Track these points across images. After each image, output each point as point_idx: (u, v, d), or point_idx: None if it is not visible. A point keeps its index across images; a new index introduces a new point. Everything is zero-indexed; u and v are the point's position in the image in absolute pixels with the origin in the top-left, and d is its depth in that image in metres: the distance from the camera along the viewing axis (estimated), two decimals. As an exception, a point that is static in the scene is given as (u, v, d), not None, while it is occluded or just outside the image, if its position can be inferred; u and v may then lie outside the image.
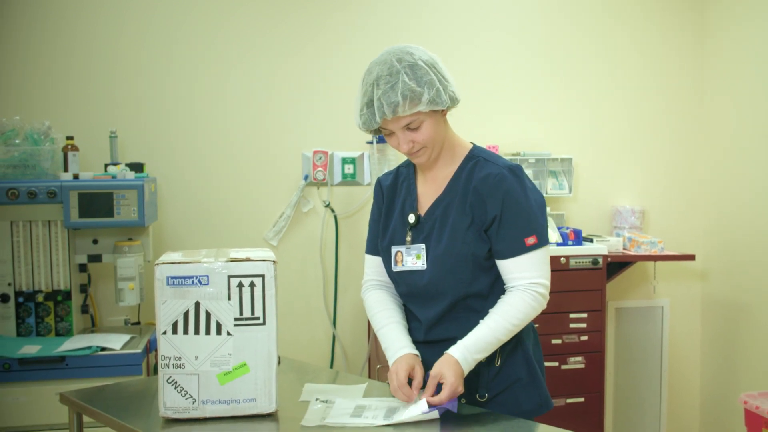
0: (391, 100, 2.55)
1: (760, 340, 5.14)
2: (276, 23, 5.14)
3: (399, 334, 2.78)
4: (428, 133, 2.64)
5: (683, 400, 5.81)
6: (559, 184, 5.30)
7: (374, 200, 3.00)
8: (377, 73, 2.61)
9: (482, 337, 2.59)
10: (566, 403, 4.88)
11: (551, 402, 2.82)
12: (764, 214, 5.10)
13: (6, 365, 3.88)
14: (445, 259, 2.68)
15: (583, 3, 5.58)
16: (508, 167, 2.68)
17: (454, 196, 2.72)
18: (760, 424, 4.15)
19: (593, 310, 4.97)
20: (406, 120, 2.60)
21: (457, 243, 2.67)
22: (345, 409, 2.60)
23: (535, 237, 2.64)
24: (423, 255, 2.73)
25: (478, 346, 2.58)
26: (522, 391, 2.75)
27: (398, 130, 2.63)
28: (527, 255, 2.64)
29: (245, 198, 5.15)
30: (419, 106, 2.57)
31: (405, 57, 2.60)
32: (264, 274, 2.52)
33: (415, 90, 2.55)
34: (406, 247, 2.77)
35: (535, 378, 2.79)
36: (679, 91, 5.74)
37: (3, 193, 4.10)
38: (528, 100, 5.50)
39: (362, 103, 2.65)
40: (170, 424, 2.50)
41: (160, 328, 2.50)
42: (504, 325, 2.60)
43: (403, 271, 2.78)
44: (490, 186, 2.64)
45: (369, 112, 2.62)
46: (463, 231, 2.67)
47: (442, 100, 2.60)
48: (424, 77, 2.58)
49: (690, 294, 5.82)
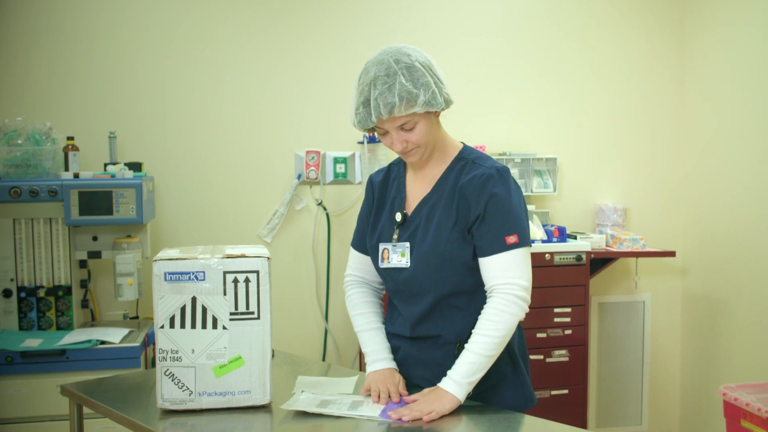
0: (388, 100, 2.52)
1: (739, 334, 5.16)
2: (269, 29, 5.15)
3: (378, 343, 2.84)
4: (422, 133, 2.61)
5: (664, 392, 5.83)
6: (543, 183, 5.31)
7: (365, 197, 2.97)
8: (374, 73, 2.57)
9: (473, 363, 2.54)
10: (551, 395, 4.89)
11: (535, 398, 2.80)
12: (742, 211, 5.12)
13: (8, 358, 3.89)
14: (429, 258, 2.65)
15: (568, 8, 5.59)
16: (495, 168, 2.65)
17: (441, 195, 2.70)
18: (738, 414, 4.16)
19: (577, 304, 4.98)
20: (401, 120, 2.57)
21: (441, 242, 2.64)
22: (312, 400, 2.61)
23: (516, 236, 2.58)
24: (407, 253, 2.71)
25: (470, 373, 2.53)
26: (507, 388, 2.74)
27: (393, 129, 2.60)
28: (507, 253, 2.58)
29: (240, 196, 5.15)
30: (415, 108, 2.54)
31: (402, 58, 2.57)
32: (258, 270, 2.52)
33: (411, 92, 2.52)
34: (392, 245, 2.75)
35: (520, 375, 2.77)
36: (659, 92, 5.76)
37: (6, 192, 4.10)
38: (514, 101, 5.52)
39: (358, 102, 2.61)
40: (168, 415, 2.51)
41: (157, 322, 2.51)
42: (490, 343, 2.55)
43: (388, 268, 2.76)
44: (475, 186, 2.62)
45: (365, 112, 2.58)
46: (448, 231, 2.64)
47: (437, 102, 2.57)
48: (420, 79, 2.55)
49: (670, 289, 5.83)
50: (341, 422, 2.46)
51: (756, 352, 4.98)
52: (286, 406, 2.55)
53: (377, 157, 5.16)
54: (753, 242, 5.01)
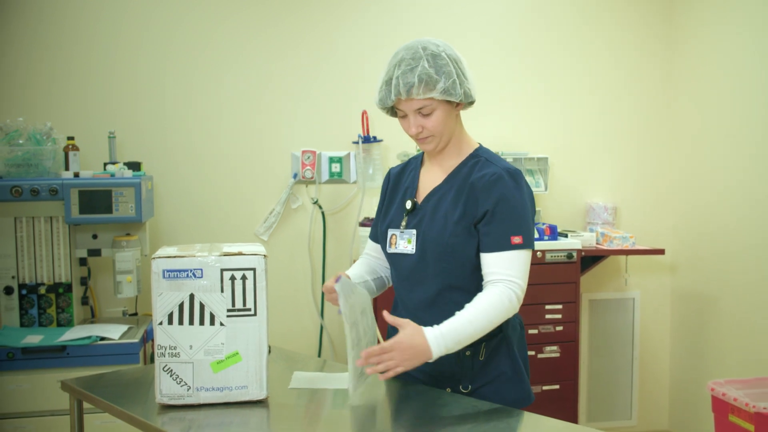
0: (408, 80, 2.58)
1: (727, 330, 5.17)
2: (266, 30, 5.16)
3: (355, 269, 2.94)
4: (438, 122, 2.66)
5: (653, 388, 5.84)
6: (535, 182, 5.31)
7: (381, 190, 3.03)
8: (402, 56, 2.64)
9: (458, 328, 2.50)
10: (542, 390, 4.90)
11: (533, 396, 2.80)
12: (729, 210, 5.13)
13: (10, 354, 3.89)
14: (433, 247, 2.68)
15: (559, 11, 5.60)
16: (507, 170, 2.67)
17: (451, 188, 2.73)
18: (726, 410, 4.17)
19: (568, 301, 4.99)
20: (418, 104, 2.62)
21: (446, 233, 2.65)
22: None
23: (521, 238, 2.60)
24: (414, 240, 2.74)
25: (454, 335, 2.49)
26: (505, 384, 2.73)
27: (411, 113, 2.65)
28: (511, 252, 2.59)
29: (237, 195, 5.16)
30: (433, 93, 2.59)
31: (430, 46, 2.64)
32: (255, 267, 2.53)
33: (432, 76, 2.58)
34: (400, 231, 2.78)
35: (519, 373, 2.76)
36: (648, 94, 5.77)
37: (7, 191, 4.11)
38: (507, 102, 5.53)
39: (383, 81, 2.67)
40: (166, 410, 2.51)
41: (156, 318, 2.51)
42: (481, 320, 2.53)
43: (395, 253, 2.79)
44: (486, 183, 2.64)
45: (386, 90, 2.64)
46: (453, 223, 2.65)
47: (456, 92, 2.61)
48: (443, 67, 2.60)
49: (660, 286, 5.85)
50: (338, 414, 2.47)
51: (743, 348, 5.00)
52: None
53: (372, 156, 5.17)
54: (740, 240, 5.03)
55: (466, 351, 2.68)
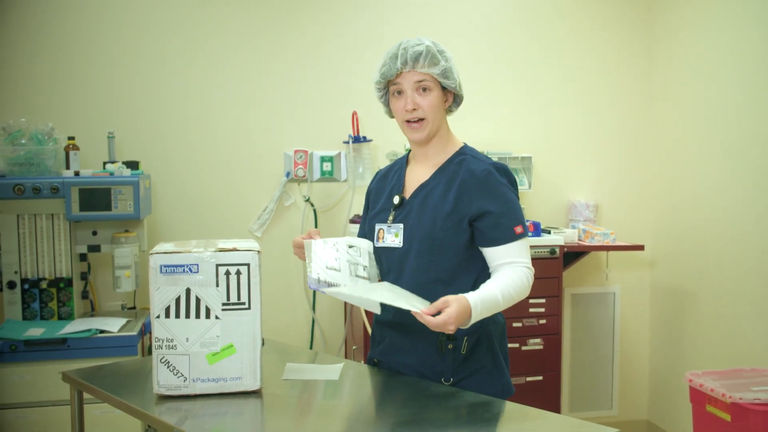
0: (416, 49, 2.68)
1: (704, 323, 5.19)
2: (261, 33, 5.17)
3: None
4: (432, 102, 2.71)
5: (633, 379, 5.87)
6: (519, 181, 5.32)
7: (366, 195, 3.06)
8: (405, 41, 2.74)
9: (492, 298, 2.51)
10: (526, 381, 4.91)
11: (513, 388, 2.80)
12: (707, 207, 5.15)
13: (12, 346, 3.89)
14: (421, 240, 2.69)
15: (541, 15, 5.61)
16: (494, 165, 2.72)
17: (438, 183, 2.74)
18: (703, 400, 4.18)
19: (551, 296, 5.01)
20: (420, 76, 2.69)
21: (435, 227, 2.67)
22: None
23: (521, 227, 2.66)
24: (401, 233, 2.75)
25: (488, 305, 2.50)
26: (485, 377, 2.73)
27: (409, 87, 2.70)
28: (517, 242, 2.64)
29: (232, 193, 5.17)
30: (435, 68, 2.68)
31: (433, 40, 2.75)
32: (249, 262, 2.53)
33: (435, 54, 2.69)
34: (388, 225, 2.79)
35: (499, 366, 2.77)
36: (628, 95, 5.78)
37: (10, 189, 4.11)
38: (492, 103, 5.54)
39: (386, 58, 2.74)
40: (163, 400, 2.52)
41: (154, 312, 2.51)
42: (510, 293, 2.57)
43: (382, 247, 2.79)
44: (478, 180, 2.67)
45: (391, 62, 2.71)
46: (442, 217, 2.67)
47: (453, 78, 2.72)
48: (444, 53, 2.73)
49: (639, 281, 5.87)
50: (329, 404, 2.48)
51: (720, 340, 5.02)
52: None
53: (362, 156, 5.18)
54: (717, 236, 5.04)
55: (449, 344, 2.68)
